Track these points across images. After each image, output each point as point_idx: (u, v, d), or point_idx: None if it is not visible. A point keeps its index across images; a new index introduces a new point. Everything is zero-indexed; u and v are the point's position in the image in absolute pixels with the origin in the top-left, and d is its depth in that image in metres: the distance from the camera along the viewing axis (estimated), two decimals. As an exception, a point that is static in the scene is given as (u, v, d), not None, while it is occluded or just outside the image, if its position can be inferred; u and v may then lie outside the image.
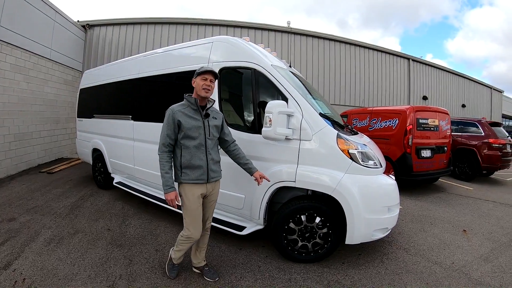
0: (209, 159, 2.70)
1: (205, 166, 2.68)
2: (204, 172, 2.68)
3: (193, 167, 2.64)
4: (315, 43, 15.37)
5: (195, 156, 2.64)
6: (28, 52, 8.36)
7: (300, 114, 3.14)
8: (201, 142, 2.66)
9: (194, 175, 2.65)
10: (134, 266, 3.14)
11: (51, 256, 3.30)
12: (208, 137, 2.70)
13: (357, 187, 3.00)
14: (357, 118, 8.09)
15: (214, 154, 2.77)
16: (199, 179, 2.67)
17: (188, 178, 2.65)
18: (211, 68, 2.70)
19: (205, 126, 2.68)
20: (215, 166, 2.80)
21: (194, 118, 2.65)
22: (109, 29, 12.64)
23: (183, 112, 2.64)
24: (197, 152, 2.65)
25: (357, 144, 3.17)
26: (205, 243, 3.00)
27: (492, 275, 3.22)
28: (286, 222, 3.24)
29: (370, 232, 3.10)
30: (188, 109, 2.66)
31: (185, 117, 2.62)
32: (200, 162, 2.65)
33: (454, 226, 4.73)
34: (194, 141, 2.64)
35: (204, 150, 2.67)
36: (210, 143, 2.73)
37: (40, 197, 5.58)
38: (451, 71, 21.79)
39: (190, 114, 2.64)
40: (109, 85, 5.83)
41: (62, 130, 10.13)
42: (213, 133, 2.75)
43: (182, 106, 2.68)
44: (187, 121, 2.61)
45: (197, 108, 2.67)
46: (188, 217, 2.71)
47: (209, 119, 2.73)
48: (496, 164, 8.17)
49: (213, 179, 2.77)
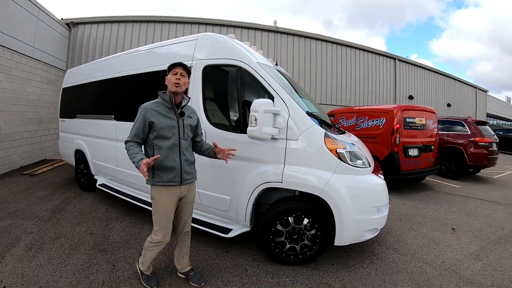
0: (182, 160, 2.57)
1: (179, 168, 2.55)
2: (177, 174, 2.54)
3: (166, 168, 2.50)
4: (301, 43, 15.43)
5: (168, 157, 2.49)
6: (10, 51, 8.11)
7: (287, 113, 3.06)
8: (175, 143, 2.53)
9: (167, 177, 2.51)
10: (118, 272, 3.03)
11: (32, 263, 3.16)
12: (183, 137, 2.57)
13: (345, 187, 2.94)
14: (343, 117, 8.10)
15: (188, 154, 2.65)
16: (172, 181, 2.53)
17: (160, 181, 2.51)
18: (180, 61, 2.60)
19: (180, 125, 2.55)
20: (189, 167, 2.67)
21: (168, 117, 2.52)
22: (94, 27, 12.43)
23: (157, 110, 2.50)
24: (170, 153, 2.50)
25: (345, 143, 3.12)
26: (187, 247, 2.89)
27: (483, 273, 3.22)
28: (273, 224, 3.17)
29: (360, 233, 3.05)
30: (162, 107, 2.53)
31: (158, 116, 2.49)
32: (173, 163, 2.51)
33: (443, 224, 4.74)
34: (167, 142, 2.50)
35: (177, 151, 2.54)
36: (184, 144, 2.60)
37: (22, 201, 5.39)
38: (437, 71, 22.17)
39: (163, 113, 2.51)
40: (91, 84, 5.68)
41: (45, 131, 9.88)
42: (187, 133, 2.63)
43: (155, 104, 2.55)
44: (161, 120, 2.48)
45: (171, 106, 2.54)
46: (160, 221, 2.58)
47: (184, 118, 2.60)
48: (482, 162, 8.29)
49: (187, 181, 2.64)
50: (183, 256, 2.87)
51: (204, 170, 3.61)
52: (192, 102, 3.62)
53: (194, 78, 3.65)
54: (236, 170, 3.37)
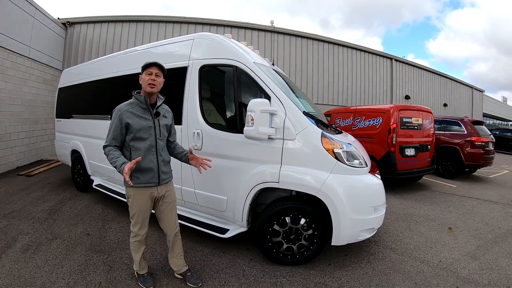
0: (159, 160, 2.58)
1: (156, 169, 2.56)
2: (155, 175, 2.56)
3: (144, 170, 2.50)
4: (298, 43, 15.45)
5: (145, 159, 2.49)
6: (6, 50, 8.06)
7: (283, 113, 3.06)
8: (152, 144, 2.52)
9: (144, 178, 2.51)
10: (114, 273, 3.01)
11: (28, 264, 3.14)
12: (159, 137, 2.58)
13: (342, 187, 2.94)
14: (340, 117, 8.09)
15: (164, 155, 2.66)
16: (150, 182, 2.54)
17: (138, 182, 2.50)
18: (155, 61, 2.59)
19: (156, 126, 2.55)
20: (166, 167, 2.68)
21: (144, 118, 2.50)
22: (90, 27, 12.38)
23: (132, 112, 2.48)
24: (147, 154, 2.50)
25: (342, 143, 3.11)
26: (180, 248, 2.89)
27: (480, 273, 3.22)
28: (270, 224, 3.16)
29: (357, 232, 3.05)
30: (136, 108, 2.51)
31: (134, 117, 2.47)
32: (150, 164, 2.52)
33: (440, 224, 4.75)
34: (144, 143, 2.49)
35: (154, 151, 2.54)
36: (161, 144, 2.61)
37: (18, 201, 5.36)
38: (433, 71, 22.25)
39: (139, 114, 2.49)
40: (87, 84, 5.65)
41: (41, 131, 9.83)
42: (163, 133, 2.63)
43: (130, 105, 2.52)
44: (136, 121, 2.46)
45: (146, 107, 2.52)
46: (136, 219, 2.62)
47: (159, 118, 2.59)
48: (478, 162, 8.31)
49: (164, 181, 2.65)
50: (177, 257, 2.87)
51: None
52: (189, 102, 3.62)
53: (191, 78, 3.65)
54: (232, 170, 3.36)
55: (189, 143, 3.62)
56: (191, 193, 3.72)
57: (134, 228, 2.65)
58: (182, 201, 3.88)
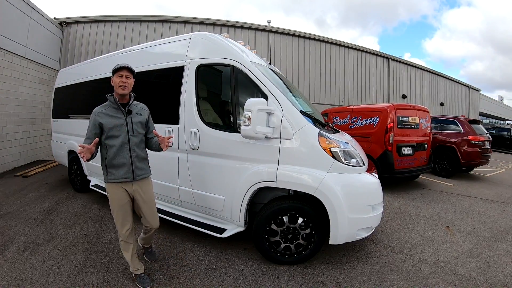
0: (133, 156, 2.68)
1: (129, 164, 2.66)
2: (129, 170, 2.66)
3: (117, 166, 2.63)
4: (295, 42, 15.43)
5: (118, 155, 2.62)
6: (2, 50, 8.01)
7: (281, 112, 3.06)
8: (124, 140, 2.64)
9: (118, 174, 2.64)
10: (112, 273, 3.00)
11: (25, 265, 3.13)
12: (132, 134, 2.69)
13: (340, 186, 2.94)
14: (337, 116, 8.09)
15: (139, 151, 2.76)
16: (124, 177, 2.65)
17: (113, 178, 2.64)
18: (125, 64, 2.69)
19: (128, 123, 2.67)
20: (141, 163, 2.77)
21: (116, 117, 2.64)
22: (87, 26, 12.31)
23: (104, 112, 2.64)
24: (120, 150, 2.63)
25: (339, 142, 3.12)
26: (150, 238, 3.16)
27: (478, 271, 3.24)
28: (267, 224, 3.16)
29: (354, 231, 3.06)
30: (109, 109, 2.67)
31: (106, 117, 2.62)
32: (123, 160, 2.64)
33: (437, 222, 4.77)
34: (117, 140, 2.62)
35: (127, 147, 2.66)
36: (134, 140, 2.71)
37: (14, 202, 5.33)
38: (430, 70, 22.30)
39: (111, 114, 2.64)
40: (84, 84, 5.63)
41: (37, 132, 9.77)
42: (137, 129, 2.73)
43: (103, 107, 2.68)
44: (109, 120, 2.61)
45: (118, 107, 2.67)
46: (117, 218, 2.72)
47: (132, 116, 2.71)
48: (475, 161, 8.33)
49: (139, 176, 2.74)
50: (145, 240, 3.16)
51: (197, 170, 3.61)
52: (186, 101, 3.62)
53: (188, 77, 3.64)
54: (230, 169, 3.36)
55: (186, 143, 3.62)
56: (188, 193, 3.71)
57: (117, 226, 2.75)
58: (180, 201, 3.88)
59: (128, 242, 2.75)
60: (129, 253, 2.77)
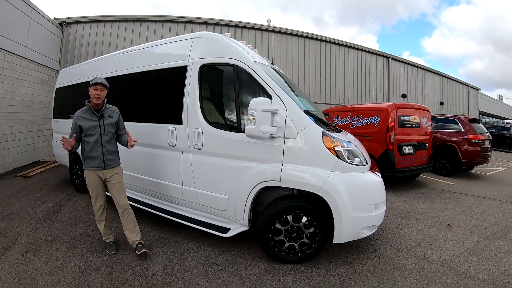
0: (104, 150, 3.37)
1: (101, 157, 3.35)
2: (100, 161, 3.35)
3: (92, 157, 3.34)
4: (295, 42, 15.43)
5: (93, 149, 3.32)
6: (2, 51, 7.97)
7: (285, 112, 3.06)
8: (98, 138, 3.32)
9: (93, 163, 3.34)
10: (116, 274, 3.00)
11: (28, 266, 3.11)
12: (103, 133, 3.35)
13: (344, 185, 2.95)
14: (338, 116, 8.09)
15: (109, 146, 3.42)
16: (97, 166, 3.36)
17: (89, 166, 3.36)
18: (100, 80, 3.27)
19: (101, 125, 3.34)
20: (111, 155, 3.44)
21: (91, 120, 3.31)
22: (87, 26, 12.28)
23: (83, 116, 3.30)
24: (95, 146, 3.32)
25: (342, 141, 3.12)
26: (131, 223, 3.47)
27: (480, 268, 3.25)
28: (272, 223, 3.17)
29: (358, 230, 3.07)
30: (87, 113, 3.32)
31: (84, 120, 3.29)
32: (96, 153, 3.34)
33: (439, 221, 4.78)
34: (92, 137, 3.31)
35: (100, 144, 3.34)
36: (106, 138, 3.37)
37: (16, 203, 5.31)
38: (430, 69, 22.32)
39: (87, 117, 3.31)
40: (85, 84, 5.54)
41: (38, 132, 9.74)
42: (108, 129, 3.39)
43: (82, 112, 3.33)
44: (85, 123, 3.28)
45: (92, 112, 3.31)
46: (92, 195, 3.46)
47: (104, 119, 3.36)
48: (476, 160, 8.37)
49: (110, 165, 3.41)
50: (129, 231, 3.47)
51: (201, 170, 3.61)
52: (189, 101, 3.62)
53: (191, 77, 3.64)
54: (233, 169, 3.36)
55: (190, 143, 3.62)
56: (191, 193, 3.71)
57: (92, 202, 3.49)
58: (183, 200, 3.88)
59: (100, 220, 3.50)
60: (101, 225, 3.52)
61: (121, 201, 3.46)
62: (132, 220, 3.48)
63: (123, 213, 3.46)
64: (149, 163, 4.22)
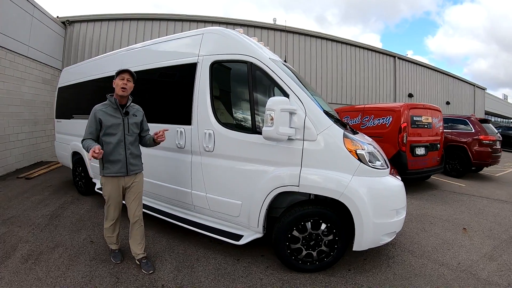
0: (127, 153, 2.97)
1: (124, 160, 2.95)
2: (123, 166, 2.95)
3: (113, 161, 2.91)
4: (301, 40, 15.35)
5: (114, 151, 2.90)
6: (4, 49, 7.85)
7: (303, 112, 2.88)
8: (121, 138, 2.92)
9: (114, 168, 2.93)
10: (122, 285, 2.81)
11: (29, 276, 2.93)
12: (127, 133, 2.97)
13: (365, 190, 2.78)
14: (348, 116, 7.93)
15: (133, 149, 3.04)
16: (119, 172, 2.94)
17: (109, 172, 2.93)
18: (128, 68, 2.96)
19: (125, 123, 2.95)
20: (135, 160, 3.06)
21: (114, 116, 2.91)
22: (90, 25, 12.19)
23: (104, 111, 2.89)
24: (116, 148, 2.91)
25: (363, 143, 2.95)
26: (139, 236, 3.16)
27: (499, 274, 3.16)
28: (289, 230, 2.99)
29: (379, 237, 2.91)
30: (109, 108, 2.92)
31: (106, 115, 2.88)
32: (119, 156, 2.92)
33: (454, 224, 4.66)
34: (113, 137, 2.90)
35: (123, 145, 2.94)
36: (130, 139, 2.99)
37: (17, 206, 5.15)
38: (435, 68, 22.19)
39: (110, 113, 2.90)
40: (88, 83, 5.45)
41: (41, 132, 9.61)
42: (132, 129, 3.01)
43: (104, 106, 2.94)
44: (107, 119, 2.87)
45: (117, 107, 2.93)
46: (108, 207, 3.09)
47: (129, 117, 2.98)
48: (486, 161, 8.23)
49: (133, 171, 3.04)
50: (135, 245, 3.15)
51: (212, 174, 3.44)
52: (199, 100, 3.45)
53: (201, 75, 3.47)
54: (247, 173, 3.18)
55: (200, 145, 3.44)
56: (202, 198, 3.53)
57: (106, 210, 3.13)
58: (192, 206, 3.69)
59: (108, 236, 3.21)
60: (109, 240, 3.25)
61: (136, 212, 3.12)
62: (141, 233, 3.17)
63: (134, 224, 3.12)
64: (156, 166, 4.02)
